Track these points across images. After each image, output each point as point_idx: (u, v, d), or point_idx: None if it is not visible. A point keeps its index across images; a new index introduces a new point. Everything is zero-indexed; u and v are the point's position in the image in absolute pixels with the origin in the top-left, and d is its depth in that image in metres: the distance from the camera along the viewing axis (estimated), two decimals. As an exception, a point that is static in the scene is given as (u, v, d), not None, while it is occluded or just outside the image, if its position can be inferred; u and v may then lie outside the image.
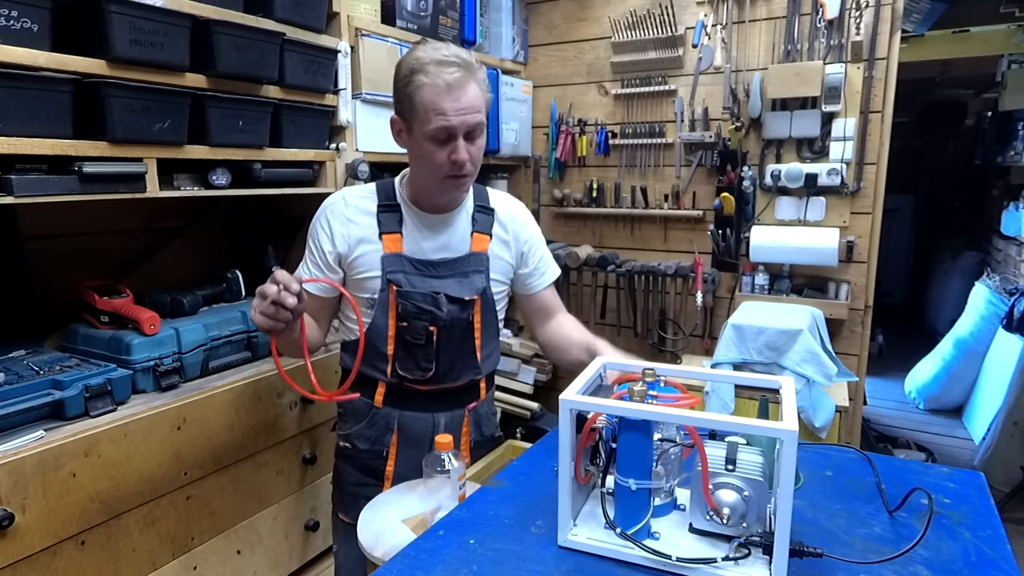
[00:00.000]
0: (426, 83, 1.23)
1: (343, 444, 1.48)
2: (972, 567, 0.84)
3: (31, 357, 1.50)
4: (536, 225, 1.55)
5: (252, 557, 1.72)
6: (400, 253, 1.36)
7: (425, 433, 1.45)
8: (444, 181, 1.32)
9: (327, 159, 1.88)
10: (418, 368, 1.39)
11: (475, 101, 1.26)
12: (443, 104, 1.23)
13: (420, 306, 1.35)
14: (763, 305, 2.42)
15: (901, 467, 1.14)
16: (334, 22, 1.90)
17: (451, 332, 1.38)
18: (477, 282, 1.40)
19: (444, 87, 1.23)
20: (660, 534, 0.90)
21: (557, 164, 2.94)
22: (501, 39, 2.74)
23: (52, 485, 1.25)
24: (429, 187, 1.36)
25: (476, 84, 1.27)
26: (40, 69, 1.24)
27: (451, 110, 1.24)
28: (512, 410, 2.66)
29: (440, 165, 1.29)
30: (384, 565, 0.87)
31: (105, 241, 1.86)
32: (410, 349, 1.38)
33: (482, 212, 1.45)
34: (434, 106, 1.24)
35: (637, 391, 0.86)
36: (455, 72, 1.23)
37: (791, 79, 2.35)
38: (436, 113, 1.24)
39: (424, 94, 1.24)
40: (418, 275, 1.36)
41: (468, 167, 1.30)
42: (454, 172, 1.29)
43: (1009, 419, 3.22)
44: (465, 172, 1.31)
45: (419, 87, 1.24)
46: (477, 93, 1.27)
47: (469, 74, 1.25)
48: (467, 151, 1.28)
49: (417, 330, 1.36)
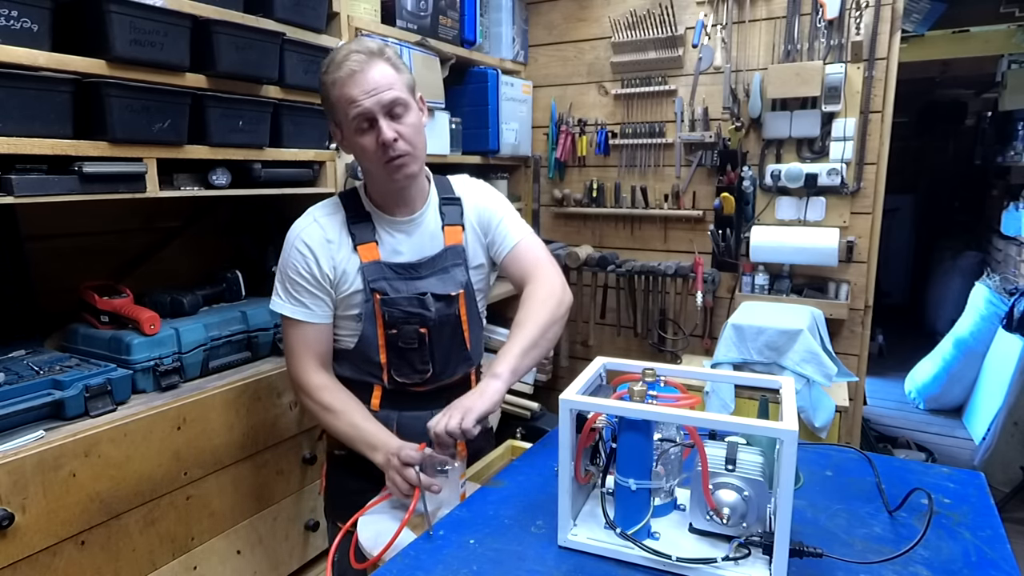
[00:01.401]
0: (334, 80, 1.26)
1: (339, 452, 1.45)
2: (972, 567, 0.84)
3: (31, 357, 1.50)
4: (498, 195, 1.50)
5: (252, 557, 1.72)
6: (378, 260, 1.35)
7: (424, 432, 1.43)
8: (385, 169, 1.30)
9: (327, 159, 1.88)
10: (415, 372, 1.38)
11: (383, 79, 1.26)
12: (351, 92, 1.25)
13: (407, 310, 1.34)
14: (763, 305, 2.42)
15: (901, 467, 1.14)
16: (334, 22, 1.90)
17: (442, 330, 1.38)
18: (458, 276, 1.40)
19: (347, 76, 1.25)
20: (660, 534, 0.90)
21: (557, 164, 2.94)
22: (501, 39, 2.74)
23: (52, 485, 1.25)
24: (380, 183, 1.35)
25: (384, 64, 1.27)
26: (40, 69, 1.24)
27: (360, 94, 1.24)
28: (512, 410, 2.66)
29: (374, 153, 1.28)
30: (384, 565, 0.87)
31: (105, 241, 1.86)
32: (404, 354, 1.37)
33: (448, 204, 1.43)
34: (346, 97, 1.26)
35: (637, 391, 0.86)
36: (356, 59, 1.25)
37: (791, 79, 2.35)
38: (349, 103, 1.25)
39: (335, 92, 1.27)
40: (400, 279, 1.35)
41: (401, 145, 1.28)
42: (389, 155, 1.27)
43: (1009, 419, 3.22)
44: (399, 151, 1.28)
45: (331, 87, 1.27)
46: (386, 71, 1.26)
47: (372, 57, 1.26)
48: (393, 130, 1.26)
49: (408, 335, 1.35)
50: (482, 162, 2.69)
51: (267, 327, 1.79)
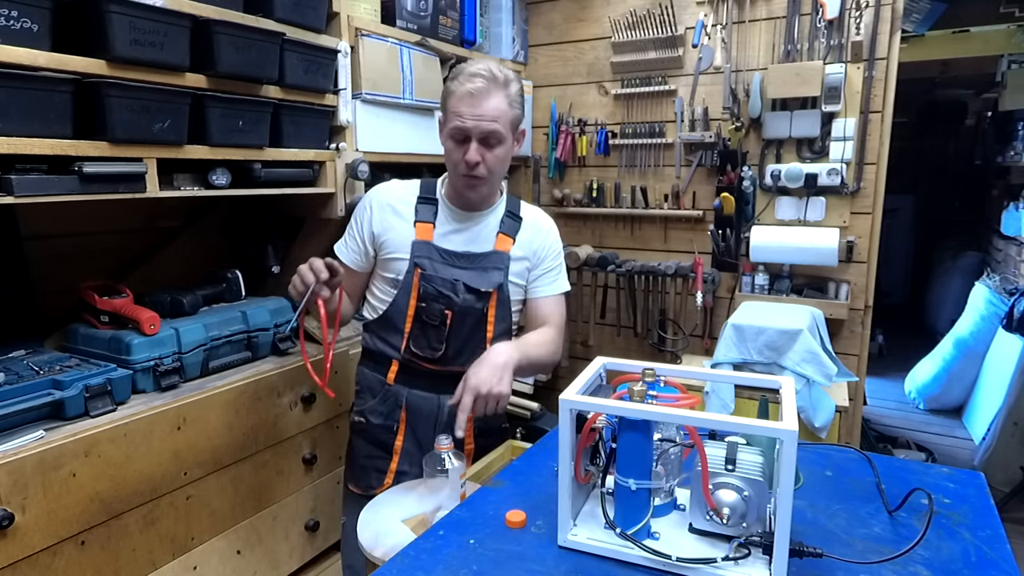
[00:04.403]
0: (455, 90, 1.41)
1: (358, 419, 1.59)
2: (972, 567, 0.84)
3: (31, 357, 1.50)
4: (559, 241, 1.65)
5: (252, 557, 1.72)
6: (430, 241, 1.50)
7: (430, 413, 1.54)
8: (460, 179, 1.47)
9: (327, 159, 1.88)
10: (429, 347, 1.50)
11: (493, 111, 1.40)
12: (461, 108, 1.40)
13: (439, 290, 1.47)
14: (763, 305, 2.42)
15: (901, 467, 1.14)
16: (334, 22, 1.90)
17: (464, 318, 1.49)
18: (495, 277, 1.51)
19: (466, 93, 1.39)
20: (660, 534, 0.90)
21: (557, 164, 2.94)
22: (501, 39, 2.74)
23: (52, 485, 1.25)
24: (454, 183, 1.51)
25: (501, 97, 1.41)
26: (40, 69, 1.24)
27: (468, 114, 1.39)
28: (512, 410, 2.66)
29: (456, 163, 1.44)
30: (384, 565, 0.87)
31: (105, 241, 1.86)
32: (425, 329, 1.50)
33: (511, 218, 1.57)
34: (455, 109, 1.41)
35: (637, 391, 0.86)
36: (480, 83, 1.39)
37: (791, 79, 2.34)
38: (455, 114, 1.41)
39: (452, 99, 1.42)
40: (442, 263, 1.49)
41: (480, 170, 1.43)
42: (467, 172, 1.43)
43: (1009, 419, 3.22)
44: (477, 174, 1.43)
45: (450, 93, 1.43)
46: (498, 105, 1.40)
47: (494, 86, 1.40)
48: (479, 154, 1.41)
49: (433, 312, 1.48)
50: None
51: (267, 327, 1.79)
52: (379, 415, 1.55)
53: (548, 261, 1.60)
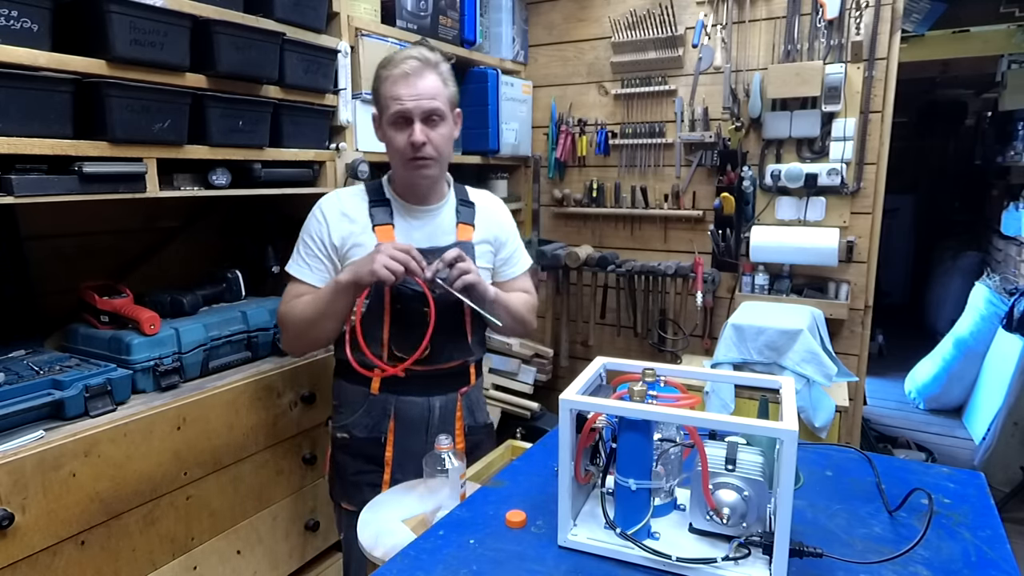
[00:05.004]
0: (388, 75, 1.40)
1: (341, 435, 1.54)
2: (972, 567, 0.84)
3: (31, 357, 1.50)
4: (512, 219, 1.67)
5: (252, 557, 1.72)
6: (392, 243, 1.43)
7: (421, 418, 1.51)
8: (408, 165, 1.43)
9: (327, 159, 1.88)
10: (414, 349, 1.45)
11: (430, 89, 1.39)
12: (399, 91, 1.38)
13: (414, 288, 1.43)
14: (763, 305, 2.42)
15: (901, 467, 1.14)
16: (334, 22, 1.90)
17: (443, 314, 1.45)
18: None
19: (400, 75, 1.38)
20: (660, 534, 0.90)
21: (557, 164, 2.94)
22: (501, 39, 2.74)
23: (52, 485, 1.25)
24: (401, 177, 1.49)
25: (435, 76, 1.41)
26: (40, 69, 1.24)
27: (406, 95, 1.38)
28: (512, 410, 2.66)
29: (402, 149, 1.41)
30: (384, 565, 0.87)
31: (105, 241, 1.86)
32: (406, 329, 1.46)
33: (464, 205, 1.57)
34: (392, 94, 1.39)
35: (637, 391, 0.86)
36: (412, 64, 1.39)
37: (791, 79, 2.35)
38: (393, 99, 1.39)
39: (386, 85, 1.40)
40: None
41: (427, 149, 1.41)
42: (414, 154, 1.40)
43: (1009, 419, 3.22)
44: (424, 154, 1.41)
45: (382, 81, 1.41)
46: (434, 83, 1.40)
47: (426, 67, 1.40)
48: (424, 134, 1.39)
49: (413, 311, 1.44)
50: (482, 162, 2.69)
51: (267, 327, 1.79)
52: (365, 428, 1.50)
53: (511, 243, 1.62)
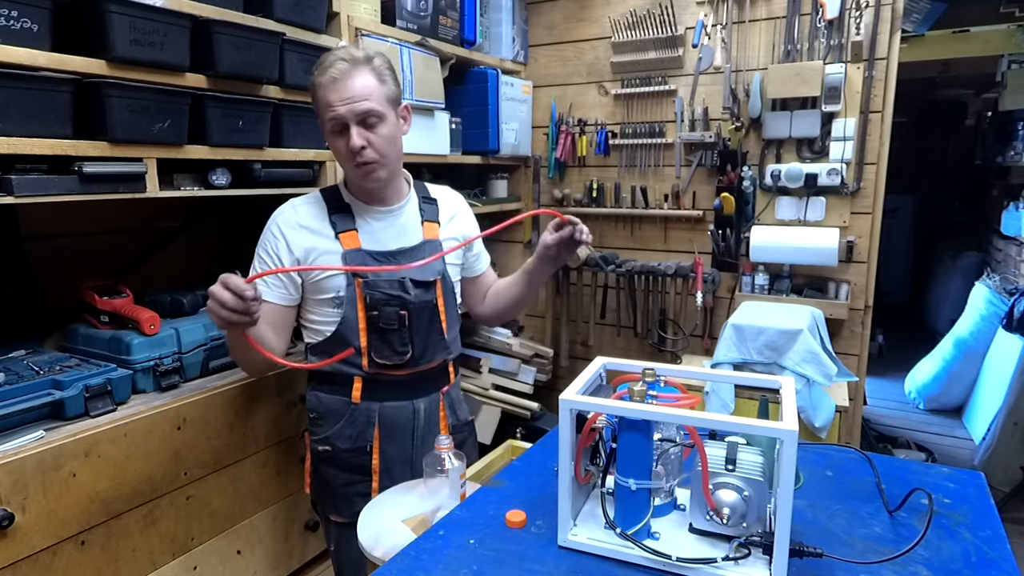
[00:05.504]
0: (318, 83, 1.35)
1: (323, 448, 1.49)
2: (972, 567, 0.84)
3: (31, 357, 1.50)
4: (472, 214, 1.67)
5: (252, 557, 1.72)
6: (360, 248, 1.42)
7: (407, 421, 1.49)
8: (354, 172, 1.39)
9: (327, 159, 1.88)
10: (395, 353, 1.43)
11: (361, 90, 1.32)
12: (329, 97, 1.33)
13: (389, 292, 1.41)
14: (763, 305, 2.42)
15: (901, 467, 1.14)
16: (334, 22, 1.90)
17: (421, 314, 1.45)
18: (436, 265, 1.48)
19: (329, 81, 1.32)
20: (660, 534, 0.90)
21: (557, 164, 2.94)
22: (501, 39, 2.74)
23: (52, 485, 1.25)
24: (352, 179, 1.44)
25: (367, 73, 1.34)
26: (40, 69, 1.24)
27: (336, 101, 1.32)
28: (512, 410, 2.66)
29: (344, 156, 1.37)
30: (384, 565, 0.87)
31: (105, 241, 1.86)
32: (384, 336, 1.43)
33: (427, 202, 1.55)
34: (324, 100, 1.34)
35: (637, 391, 0.86)
36: (340, 66, 1.32)
37: (791, 79, 2.34)
38: (326, 106, 1.34)
39: (319, 93, 1.35)
40: (380, 265, 1.43)
41: (368, 153, 1.35)
42: (356, 160, 1.36)
43: (1009, 419, 3.22)
44: (366, 159, 1.35)
45: (316, 88, 1.36)
46: (367, 82, 1.33)
47: (356, 66, 1.33)
48: (363, 137, 1.34)
49: (389, 316, 1.41)
50: (482, 162, 2.69)
51: (267, 327, 1.78)
52: (348, 439, 1.46)
53: (476, 244, 1.64)
